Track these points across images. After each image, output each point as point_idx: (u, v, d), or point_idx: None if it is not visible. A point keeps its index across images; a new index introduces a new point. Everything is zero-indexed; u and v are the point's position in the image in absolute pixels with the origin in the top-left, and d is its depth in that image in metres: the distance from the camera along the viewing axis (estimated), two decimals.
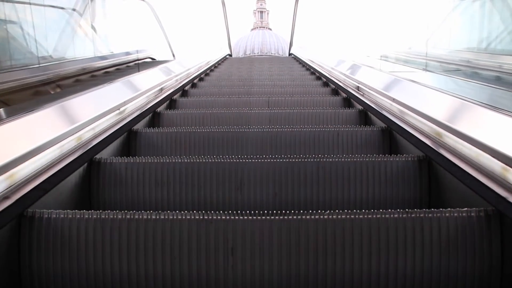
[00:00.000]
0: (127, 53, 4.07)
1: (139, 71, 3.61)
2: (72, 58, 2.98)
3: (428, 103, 1.90)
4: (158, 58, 5.24)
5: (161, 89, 3.07)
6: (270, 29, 73.10)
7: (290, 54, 10.68)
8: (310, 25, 9.89)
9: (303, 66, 6.54)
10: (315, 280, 1.08)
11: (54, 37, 2.76)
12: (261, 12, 74.15)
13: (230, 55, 11.29)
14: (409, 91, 2.29)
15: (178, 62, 4.85)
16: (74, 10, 3.09)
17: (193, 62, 5.20)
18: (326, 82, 4.14)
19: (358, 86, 2.93)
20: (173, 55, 6.12)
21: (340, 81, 3.58)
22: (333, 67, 4.35)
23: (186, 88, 3.81)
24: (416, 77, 2.62)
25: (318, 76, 4.79)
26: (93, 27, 3.40)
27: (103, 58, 3.52)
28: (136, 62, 4.14)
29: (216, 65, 6.80)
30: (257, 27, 72.62)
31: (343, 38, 6.62)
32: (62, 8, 2.87)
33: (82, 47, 3.22)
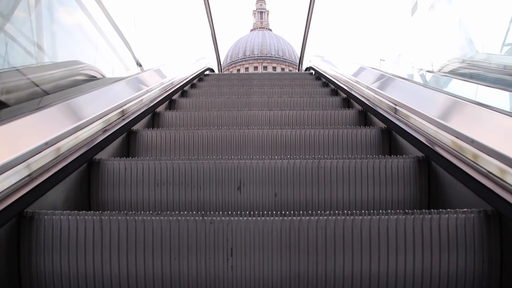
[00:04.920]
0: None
1: None
2: None
3: None
4: (105, 74, 2.75)
5: None
6: (270, 30, 73.19)
7: (307, 69, 6.68)
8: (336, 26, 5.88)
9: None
10: (314, 280, 1.08)
11: None
12: (261, 12, 74.22)
13: (213, 70, 7.15)
14: None
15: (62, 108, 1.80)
16: None
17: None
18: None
19: None
20: (139, 64, 3.60)
21: None
22: None
23: None
24: None
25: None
26: None
27: None
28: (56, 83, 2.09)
29: (159, 112, 2.72)
30: (257, 28, 72.70)
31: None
32: None
33: None
